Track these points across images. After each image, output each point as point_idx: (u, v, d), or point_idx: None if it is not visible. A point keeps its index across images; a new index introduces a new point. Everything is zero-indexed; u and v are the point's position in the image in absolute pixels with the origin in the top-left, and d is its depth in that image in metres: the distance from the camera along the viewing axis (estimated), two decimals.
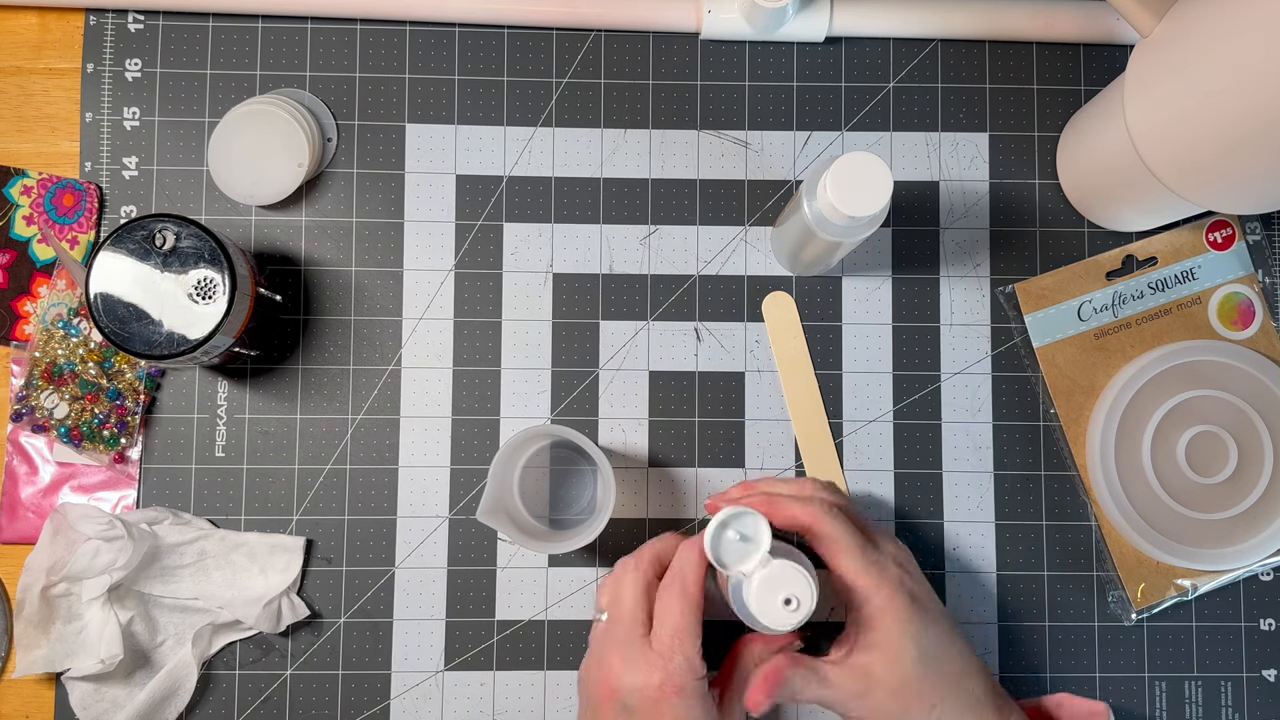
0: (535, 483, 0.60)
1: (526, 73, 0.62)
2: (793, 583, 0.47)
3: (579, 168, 0.62)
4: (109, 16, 0.61)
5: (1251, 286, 0.61)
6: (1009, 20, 0.62)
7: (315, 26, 0.62)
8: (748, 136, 0.62)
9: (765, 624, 0.47)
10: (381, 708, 0.59)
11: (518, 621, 0.59)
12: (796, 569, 0.47)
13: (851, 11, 0.61)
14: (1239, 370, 0.59)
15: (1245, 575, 0.59)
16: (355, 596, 0.59)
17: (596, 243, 0.61)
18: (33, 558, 0.57)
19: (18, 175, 0.60)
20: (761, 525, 0.47)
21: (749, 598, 0.47)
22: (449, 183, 0.61)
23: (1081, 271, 0.61)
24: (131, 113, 0.61)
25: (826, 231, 0.51)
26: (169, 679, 0.57)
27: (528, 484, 0.59)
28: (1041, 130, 0.62)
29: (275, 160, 0.59)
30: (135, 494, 0.59)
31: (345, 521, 0.60)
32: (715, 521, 0.47)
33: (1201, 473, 0.59)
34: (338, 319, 0.61)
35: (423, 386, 0.60)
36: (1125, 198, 0.57)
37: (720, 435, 0.61)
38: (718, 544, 0.47)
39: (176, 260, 0.52)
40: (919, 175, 0.62)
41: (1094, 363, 0.61)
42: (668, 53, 0.62)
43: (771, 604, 0.47)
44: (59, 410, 0.58)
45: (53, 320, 0.59)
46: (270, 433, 0.60)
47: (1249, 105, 0.45)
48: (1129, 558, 0.59)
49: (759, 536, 0.47)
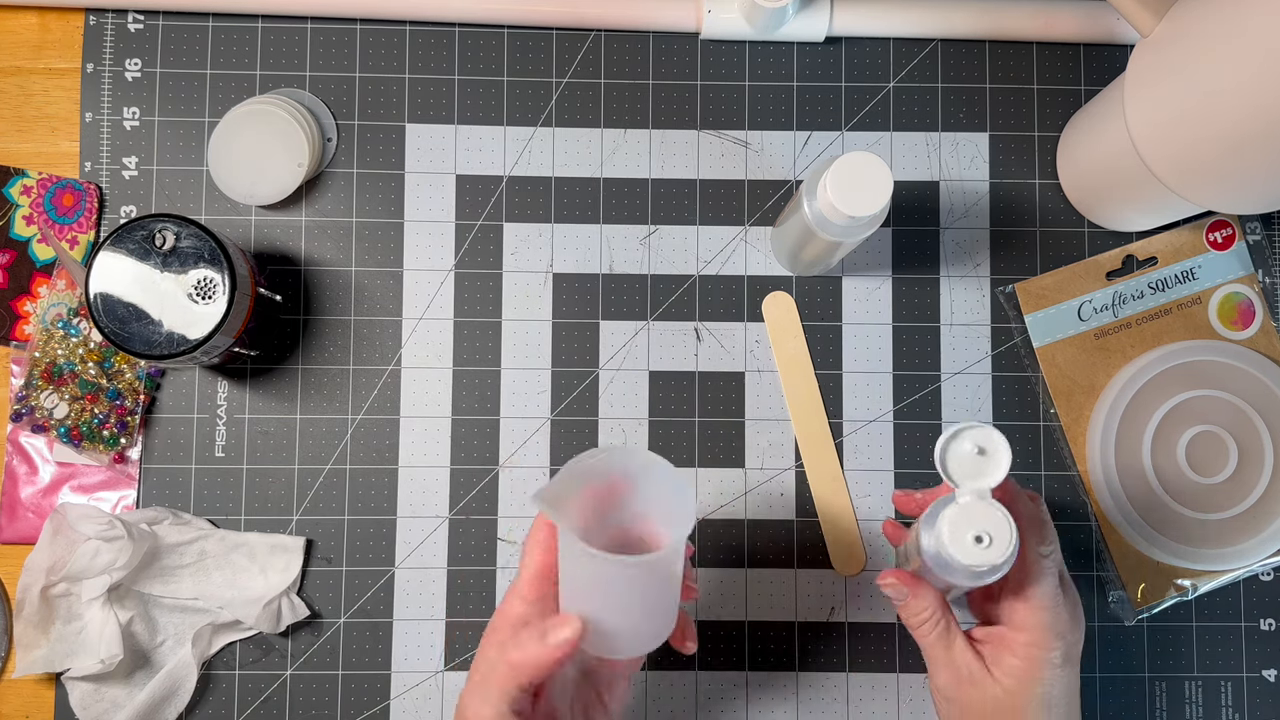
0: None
1: (526, 73, 0.62)
2: (992, 521, 0.44)
3: (579, 168, 0.62)
4: (109, 16, 0.61)
5: (1251, 286, 0.61)
6: (1009, 20, 0.62)
7: (315, 26, 0.62)
8: (748, 136, 0.62)
9: (952, 553, 0.44)
10: (381, 708, 0.59)
11: None
12: (1001, 510, 0.44)
13: (851, 11, 0.61)
14: (1239, 370, 0.59)
15: (1245, 575, 0.59)
16: (355, 597, 0.59)
17: (596, 243, 0.61)
18: (32, 558, 0.57)
19: (17, 175, 0.60)
20: (1002, 444, 0.44)
21: (943, 523, 0.44)
22: (449, 183, 0.61)
23: (1082, 271, 0.61)
24: (131, 113, 0.61)
25: (827, 231, 0.51)
26: (169, 679, 0.57)
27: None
28: (1042, 130, 0.62)
29: (275, 160, 0.59)
30: (135, 494, 0.59)
31: (345, 521, 0.60)
32: (950, 431, 0.45)
33: (1202, 473, 0.59)
34: (337, 319, 0.61)
35: (423, 386, 0.60)
36: (1125, 197, 0.57)
37: (720, 435, 0.61)
38: (946, 455, 0.45)
39: (176, 260, 0.52)
40: (919, 175, 0.62)
41: (1094, 363, 0.61)
42: (668, 53, 0.62)
43: (964, 536, 0.44)
44: (59, 410, 0.58)
45: (52, 320, 0.59)
46: (270, 433, 0.60)
47: (1249, 105, 0.45)
48: (1129, 558, 0.59)
49: (998, 455, 0.44)
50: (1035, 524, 0.48)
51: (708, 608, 0.60)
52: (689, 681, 0.59)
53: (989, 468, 0.45)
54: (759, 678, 0.59)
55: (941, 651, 0.49)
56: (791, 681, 0.59)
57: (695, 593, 0.49)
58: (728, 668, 0.59)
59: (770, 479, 0.61)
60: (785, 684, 0.59)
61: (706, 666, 0.59)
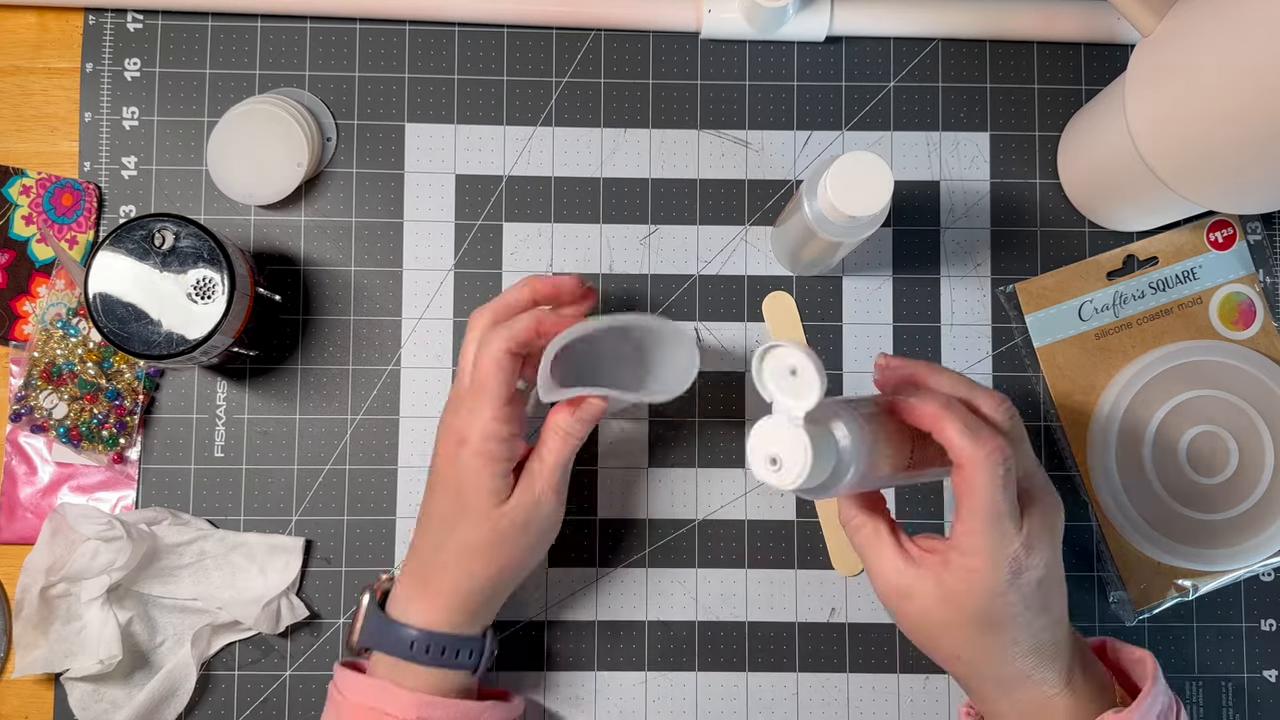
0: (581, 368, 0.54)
1: (526, 72, 0.62)
2: (788, 446, 0.42)
3: (579, 167, 0.62)
4: (108, 16, 0.61)
5: (1252, 286, 0.61)
6: (1010, 20, 0.62)
7: (315, 26, 0.62)
8: (748, 136, 0.62)
9: (752, 468, 0.44)
10: None
11: (517, 622, 0.59)
12: (803, 438, 0.42)
13: (852, 11, 0.61)
14: (1240, 370, 0.59)
15: (1246, 576, 0.59)
16: (355, 597, 0.59)
17: (596, 242, 0.61)
18: (32, 558, 0.57)
19: (17, 175, 0.60)
20: (809, 368, 0.42)
21: (750, 438, 0.44)
22: (448, 182, 0.61)
23: (1082, 271, 0.61)
24: (130, 112, 0.61)
25: (827, 231, 0.51)
26: (168, 680, 0.56)
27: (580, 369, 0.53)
28: (1042, 130, 0.62)
29: (275, 160, 0.59)
30: (134, 494, 0.59)
31: (344, 522, 0.59)
32: (762, 348, 0.43)
33: (1202, 473, 0.59)
34: (337, 319, 0.61)
35: (422, 386, 0.60)
36: (1126, 197, 0.57)
37: (720, 435, 0.60)
38: (763, 372, 0.44)
39: (175, 260, 0.52)
40: (919, 175, 0.62)
41: (1095, 363, 0.61)
42: (668, 52, 0.62)
43: (759, 456, 0.43)
44: (58, 410, 0.58)
45: (52, 320, 0.58)
46: (269, 433, 0.60)
47: (1250, 105, 0.45)
48: (1130, 558, 0.59)
49: (807, 377, 0.42)
50: (982, 432, 0.44)
51: (708, 608, 0.60)
52: (689, 682, 0.59)
53: (803, 390, 0.43)
54: (759, 678, 0.59)
55: (870, 558, 0.48)
56: (791, 682, 0.59)
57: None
58: (728, 668, 0.59)
59: None
60: (785, 684, 0.59)
61: (706, 667, 0.59)
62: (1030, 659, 0.46)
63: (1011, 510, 0.45)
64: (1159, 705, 0.47)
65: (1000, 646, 0.46)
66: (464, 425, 0.49)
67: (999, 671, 0.47)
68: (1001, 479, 0.44)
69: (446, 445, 0.50)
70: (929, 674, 0.60)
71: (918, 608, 0.47)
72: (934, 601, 0.46)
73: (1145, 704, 0.46)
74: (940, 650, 0.48)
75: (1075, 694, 0.47)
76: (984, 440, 0.44)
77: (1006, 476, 0.44)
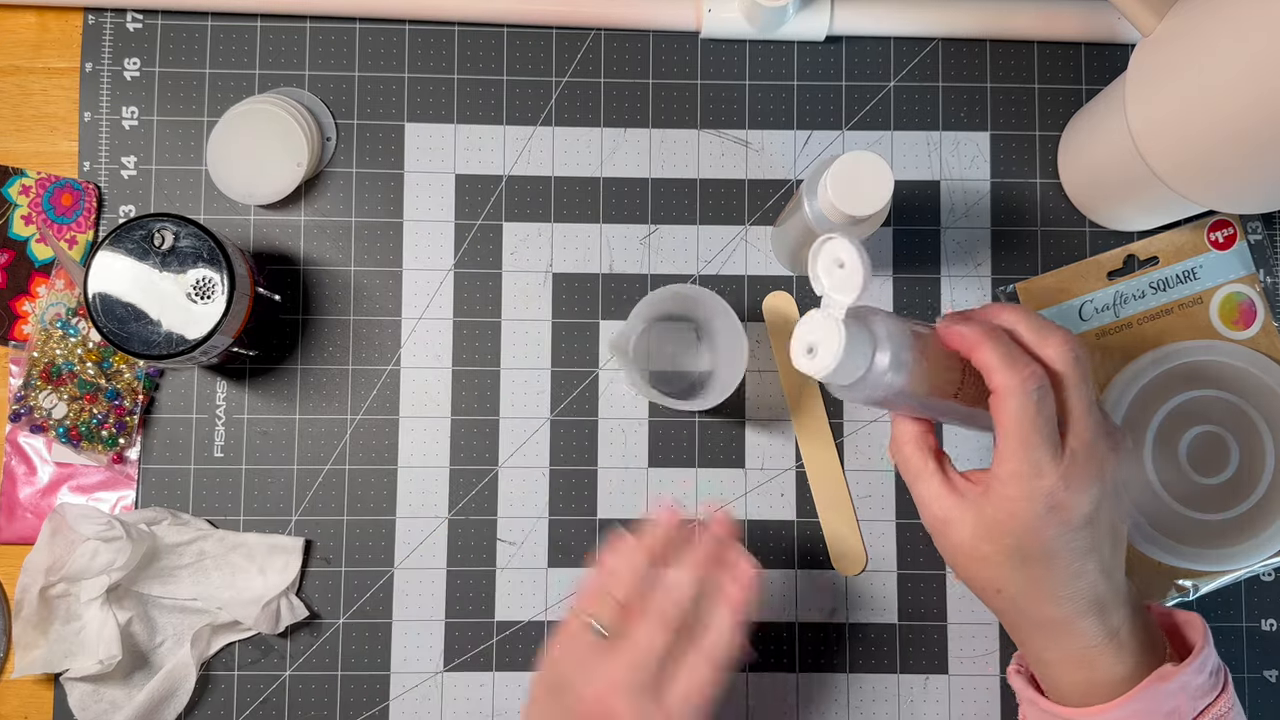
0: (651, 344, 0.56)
1: (526, 72, 0.62)
2: (824, 336, 0.43)
3: (579, 167, 0.61)
4: (108, 16, 0.61)
5: (1253, 286, 0.61)
6: (1010, 19, 0.62)
7: (314, 25, 0.62)
8: (748, 136, 0.62)
9: (794, 357, 0.45)
10: (380, 709, 0.59)
11: (517, 622, 0.59)
12: (838, 330, 0.43)
13: (852, 10, 0.61)
14: (1240, 370, 0.59)
15: (1246, 576, 0.59)
16: (354, 597, 0.59)
17: (596, 242, 0.61)
18: (31, 558, 0.57)
19: (16, 175, 0.60)
20: (855, 259, 0.43)
21: (795, 327, 0.45)
22: (448, 182, 0.61)
23: (1083, 271, 0.61)
24: (130, 112, 0.61)
25: (827, 231, 0.51)
26: (167, 680, 0.56)
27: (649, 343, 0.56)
28: (1043, 129, 0.62)
29: (274, 160, 0.59)
30: (134, 494, 0.59)
31: (344, 522, 0.59)
32: (824, 238, 0.44)
33: (1203, 473, 0.59)
34: (337, 319, 0.61)
35: (422, 386, 0.60)
36: (1127, 197, 0.57)
37: (720, 435, 0.60)
38: (817, 263, 0.44)
39: (175, 260, 0.52)
40: (920, 174, 0.62)
41: (1095, 363, 0.60)
42: (668, 52, 0.62)
43: (799, 344, 0.44)
44: (57, 410, 0.58)
45: (51, 320, 0.58)
46: (269, 433, 0.60)
47: (1251, 104, 0.45)
48: (1130, 558, 0.59)
49: (852, 269, 0.43)
50: (1019, 360, 0.44)
51: None
52: None
53: (848, 284, 0.44)
54: (759, 678, 0.59)
55: (917, 488, 0.47)
56: (792, 682, 0.59)
57: None
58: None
59: (770, 479, 0.60)
60: (785, 685, 0.59)
61: None
62: (1071, 604, 0.45)
63: (1047, 442, 0.44)
64: (1209, 664, 0.47)
65: (1039, 583, 0.45)
66: None
67: (1039, 612, 0.46)
68: (1035, 406, 0.43)
69: None
70: (929, 674, 0.60)
71: (957, 537, 0.46)
72: (972, 531, 0.45)
73: (1197, 661, 0.46)
74: (979, 581, 0.47)
75: (1121, 648, 0.46)
76: (1019, 368, 0.43)
77: (1041, 404, 0.43)
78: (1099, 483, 0.45)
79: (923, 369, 0.45)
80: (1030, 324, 0.46)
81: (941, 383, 0.46)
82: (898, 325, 0.45)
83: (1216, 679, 0.47)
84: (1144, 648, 0.46)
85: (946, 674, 0.59)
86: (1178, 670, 0.45)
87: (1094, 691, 0.46)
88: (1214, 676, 0.47)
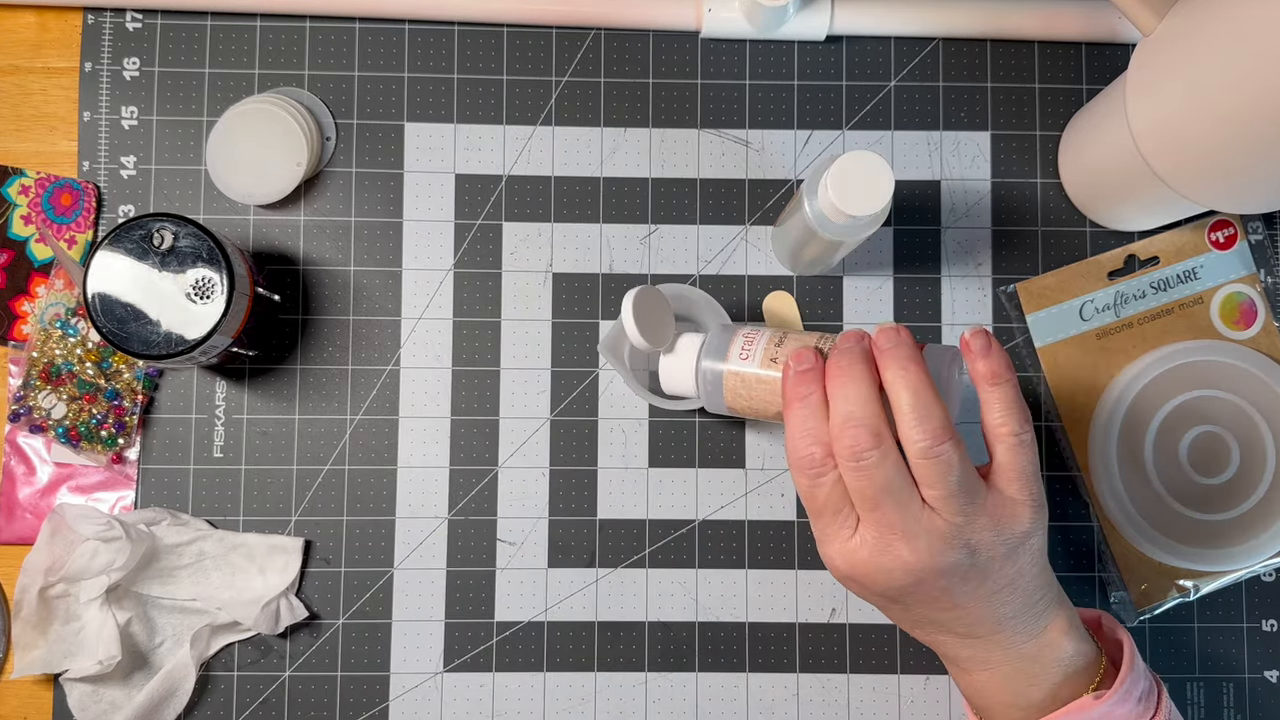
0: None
1: (526, 71, 0.62)
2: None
3: (579, 167, 0.61)
4: (107, 15, 0.61)
5: (1253, 286, 0.61)
6: (1010, 19, 0.62)
7: (314, 25, 0.62)
8: (748, 135, 0.62)
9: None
10: (380, 709, 0.58)
11: (517, 623, 0.59)
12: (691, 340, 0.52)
13: (852, 10, 0.61)
14: (1241, 370, 0.59)
15: (1247, 576, 0.59)
16: (354, 597, 0.59)
17: (596, 242, 0.61)
18: (31, 558, 0.57)
19: (15, 174, 0.60)
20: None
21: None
22: (448, 182, 0.61)
23: (1083, 271, 0.61)
24: (130, 112, 0.61)
25: (827, 231, 0.51)
26: (167, 680, 0.56)
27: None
28: (1043, 129, 0.62)
29: (274, 159, 0.59)
30: (133, 494, 0.59)
31: (344, 522, 0.59)
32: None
33: (1203, 473, 0.59)
34: (336, 319, 0.60)
35: (421, 386, 0.60)
36: (1127, 197, 0.57)
37: (720, 435, 0.60)
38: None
39: (174, 260, 0.52)
40: (920, 174, 0.62)
41: (1096, 363, 0.60)
42: (668, 51, 0.62)
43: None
44: (57, 410, 0.58)
45: (50, 320, 0.58)
46: (269, 433, 0.60)
47: (1251, 104, 0.45)
48: (1131, 558, 0.59)
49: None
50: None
51: (708, 608, 0.60)
52: (689, 682, 0.59)
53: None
54: (759, 679, 0.59)
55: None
56: (791, 683, 0.59)
57: None
58: (728, 669, 0.59)
59: (770, 479, 0.60)
60: (785, 685, 0.59)
61: (706, 667, 0.59)
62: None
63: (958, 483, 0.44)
64: (1138, 688, 0.46)
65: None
66: None
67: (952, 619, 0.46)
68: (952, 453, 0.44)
69: None
70: (929, 674, 0.60)
71: (913, 545, 0.44)
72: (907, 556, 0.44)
73: (1121, 689, 0.45)
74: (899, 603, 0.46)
75: (1041, 662, 0.46)
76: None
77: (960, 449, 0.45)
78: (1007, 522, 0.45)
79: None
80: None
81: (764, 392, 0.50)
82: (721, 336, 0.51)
83: (1148, 703, 0.46)
84: (1076, 666, 0.46)
85: (946, 674, 0.59)
86: (1098, 703, 0.44)
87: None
88: (1142, 703, 0.45)
